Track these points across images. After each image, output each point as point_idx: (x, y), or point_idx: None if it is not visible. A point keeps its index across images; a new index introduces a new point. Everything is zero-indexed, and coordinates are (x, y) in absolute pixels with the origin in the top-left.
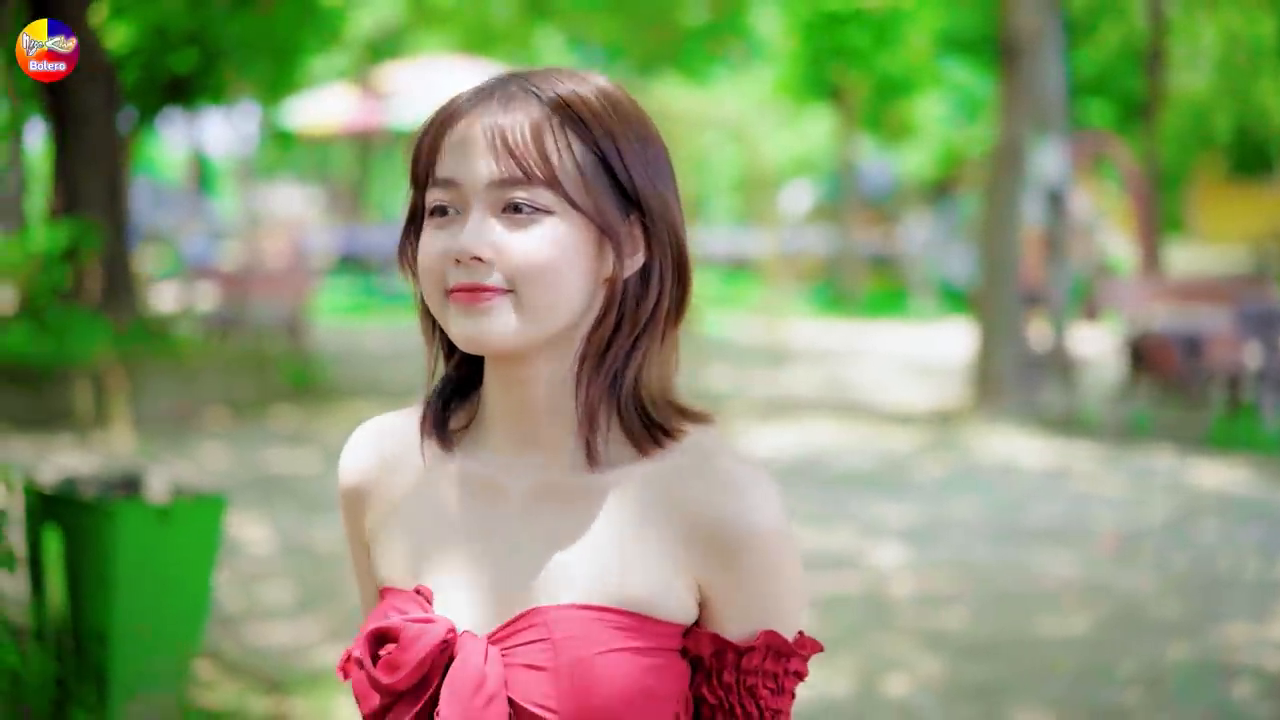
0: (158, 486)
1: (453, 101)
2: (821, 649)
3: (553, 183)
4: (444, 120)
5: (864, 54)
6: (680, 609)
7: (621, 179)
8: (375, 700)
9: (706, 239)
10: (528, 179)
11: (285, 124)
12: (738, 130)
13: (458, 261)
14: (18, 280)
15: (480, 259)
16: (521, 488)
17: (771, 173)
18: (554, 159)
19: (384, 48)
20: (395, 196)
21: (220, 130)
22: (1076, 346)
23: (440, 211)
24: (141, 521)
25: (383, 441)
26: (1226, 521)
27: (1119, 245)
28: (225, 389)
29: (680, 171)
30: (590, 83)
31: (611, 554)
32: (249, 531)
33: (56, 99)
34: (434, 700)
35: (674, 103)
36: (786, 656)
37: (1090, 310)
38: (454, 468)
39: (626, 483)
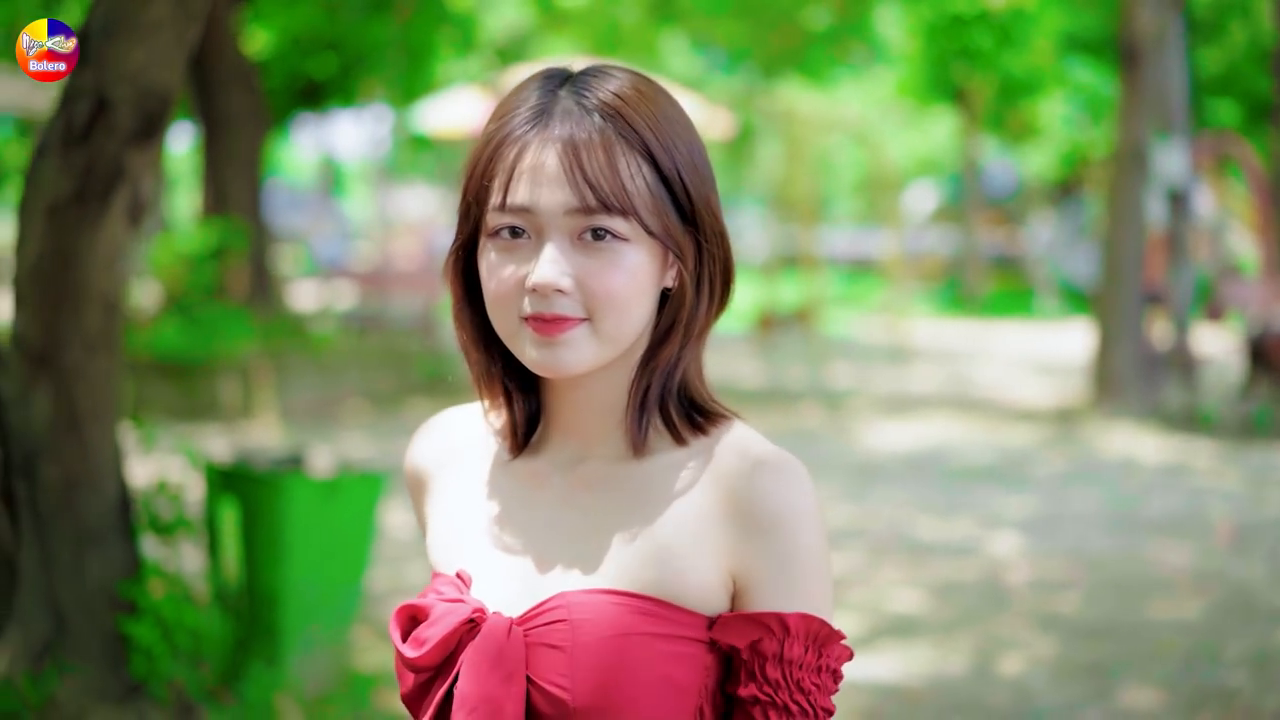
0: (319, 465)
1: (507, 120)
2: (845, 637)
3: (629, 210)
4: (502, 141)
5: (987, 55)
6: (710, 599)
7: (680, 197)
8: (409, 679)
9: (829, 240)
10: (606, 209)
11: (417, 127)
12: (861, 132)
13: (534, 289)
14: (165, 279)
15: (561, 291)
16: (564, 477)
17: (895, 174)
18: (630, 187)
19: (512, 51)
20: None
21: (350, 133)
22: (1198, 345)
23: (510, 233)
24: (309, 494)
25: (450, 434)
26: None
27: (1246, 246)
28: (364, 383)
29: (803, 173)
30: (633, 87)
31: (644, 540)
32: (391, 517)
33: (205, 103)
34: (458, 677)
35: (798, 105)
36: (825, 643)
37: (1214, 310)
38: (508, 463)
39: (666, 470)
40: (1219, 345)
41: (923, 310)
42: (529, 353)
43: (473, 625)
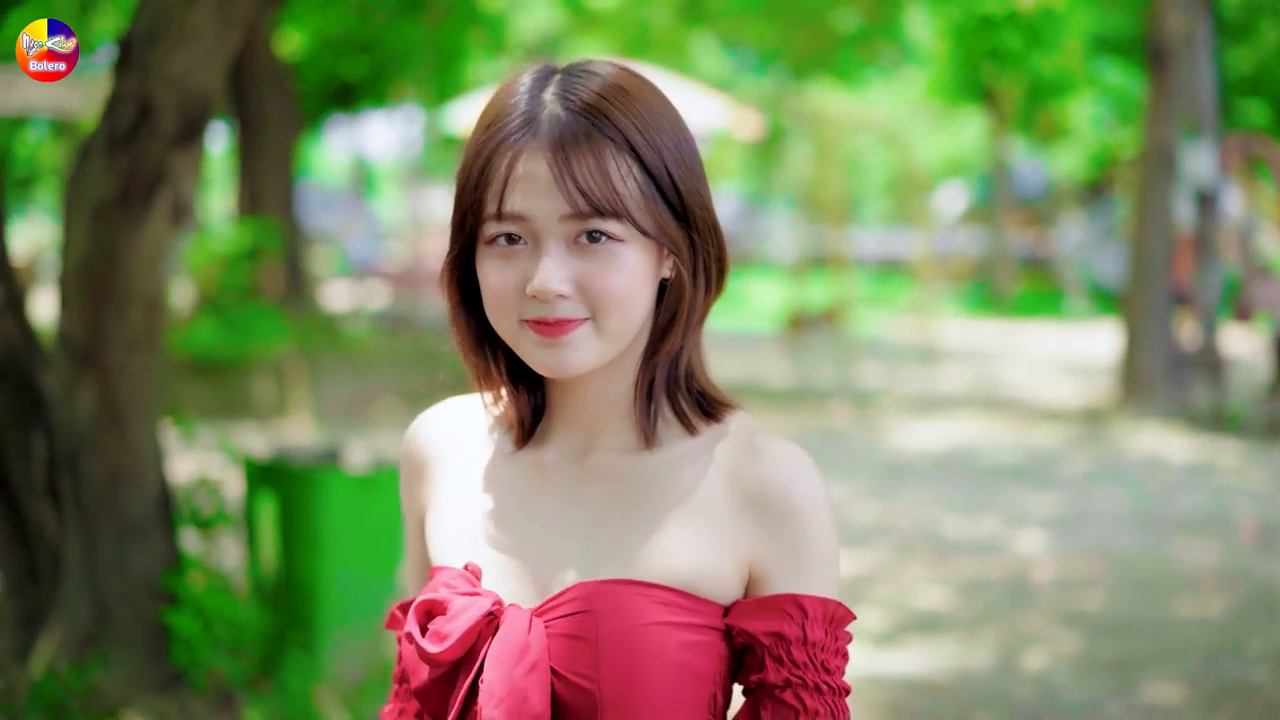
0: (355, 460)
1: (496, 129)
2: (856, 618)
3: (622, 213)
4: (494, 150)
5: (1016, 56)
6: (726, 587)
7: (669, 193)
8: (425, 673)
9: (859, 240)
10: (599, 213)
11: (448, 127)
12: (890, 133)
13: (534, 296)
14: (200, 279)
15: (562, 295)
16: (572, 469)
17: (924, 174)
18: (620, 189)
19: (543, 52)
20: None
21: (381, 134)
22: (1226, 346)
23: (507, 239)
24: (346, 488)
25: (452, 423)
26: None
27: (1275, 246)
28: (396, 381)
29: (833, 174)
30: (619, 85)
31: (659, 530)
32: None
33: (240, 105)
34: (481, 670)
35: (828, 106)
36: (840, 624)
37: (1243, 311)
38: (512, 454)
39: (676, 461)
40: (1247, 346)
41: (952, 310)
42: (534, 355)
43: (491, 618)
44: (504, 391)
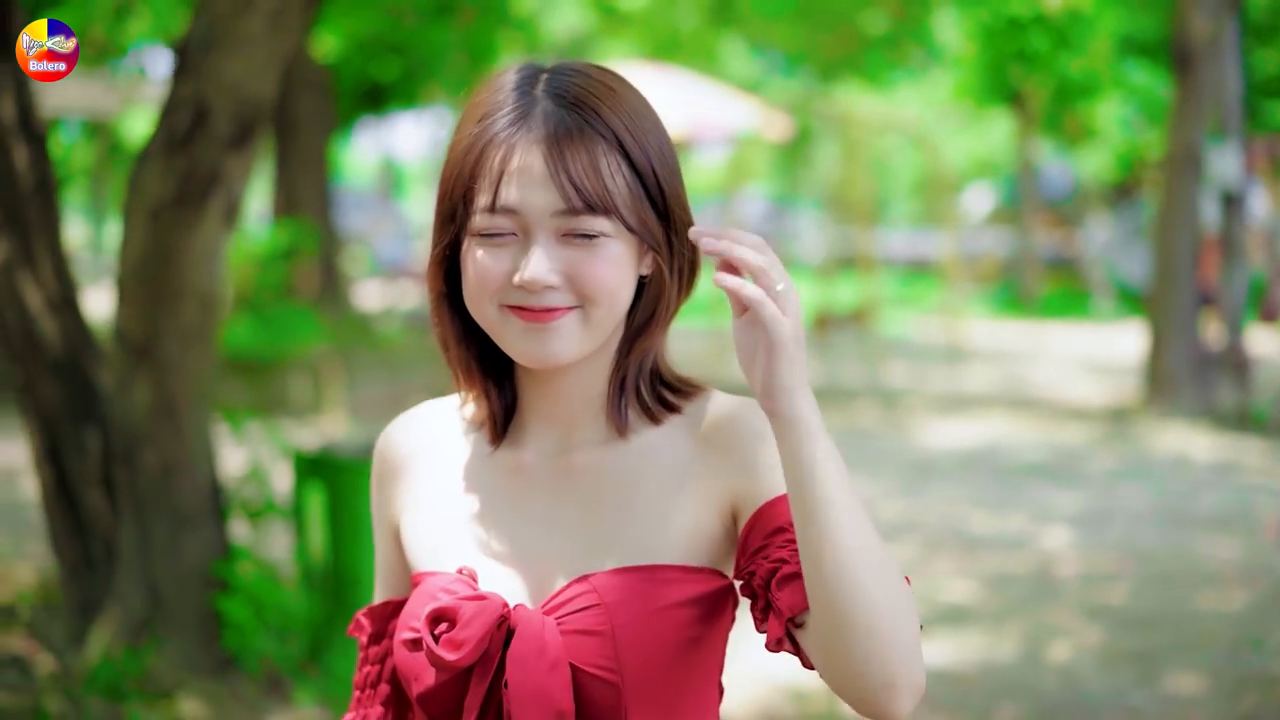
0: None
1: (488, 123)
2: None
3: (612, 210)
4: (487, 144)
5: (1044, 58)
6: (719, 547)
7: (653, 192)
8: (431, 678)
9: (886, 241)
10: (590, 209)
11: None
12: (918, 134)
13: (522, 286)
14: (237, 279)
15: (551, 286)
16: (553, 467)
17: (951, 176)
18: (610, 186)
19: (573, 54)
20: None
21: (410, 135)
22: (1251, 346)
23: (498, 232)
24: None
25: (425, 426)
26: None
27: None
28: (427, 379)
29: (861, 175)
30: (606, 84)
31: (646, 512)
32: None
33: (277, 107)
34: (499, 673)
35: (855, 107)
36: None
37: (1269, 312)
38: (489, 455)
39: (650, 445)
40: (1272, 346)
41: (979, 311)
42: (517, 344)
43: (503, 621)
44: (479, 389)
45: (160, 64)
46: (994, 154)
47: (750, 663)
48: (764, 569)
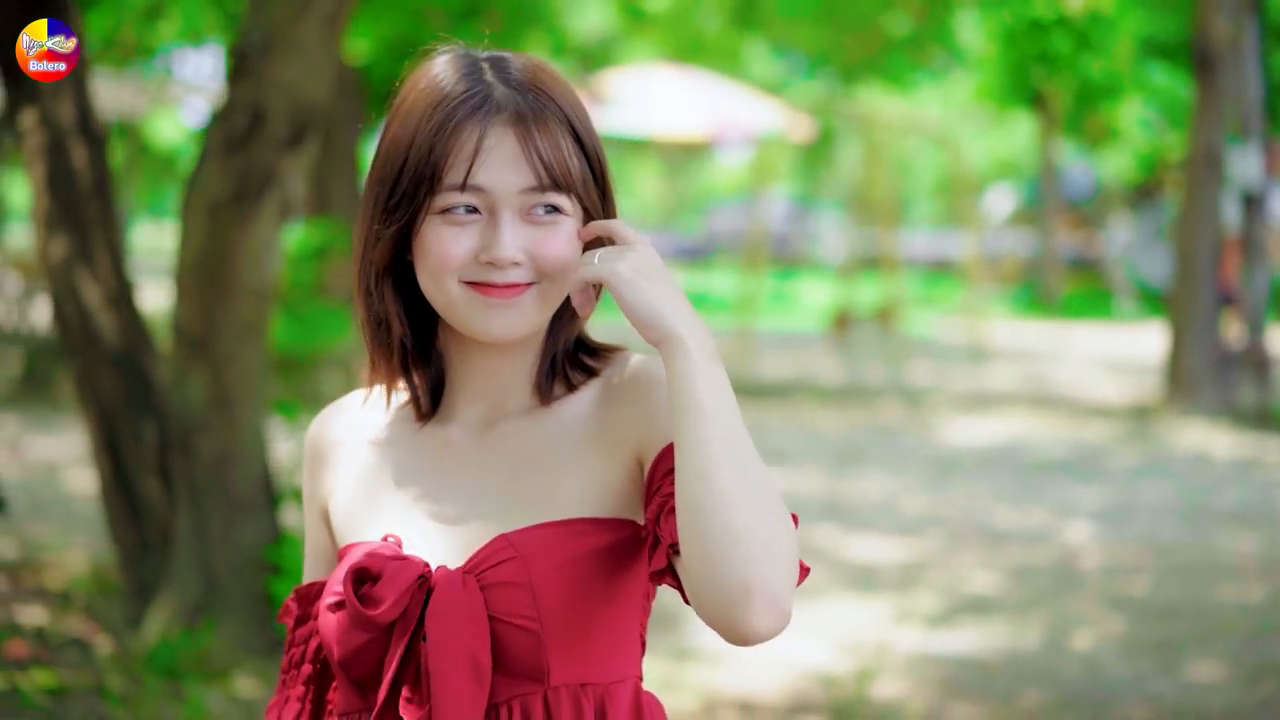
0: None
1: (447, 105)
2: None
3: (573, 188)
4: (456, 125)
5: (1066, 59)
6: (630, 498)
7: (598, 174)
8: (355, 639)
9: (909, 241)
10: (556, 187)
11: None
12: (940, 135)
13: (490, 263)
14: None
15: (516, 263)
16: (478, 440)
17: (973, 177)
18: (570, 167)
19: (598, 55)
20: None
21: None
22: (1272, 346)
23: (466, 210)
24: None
25: (352, 414)
26: None
27: None
28: None
29: (883, 176)
30: (548, 71)
31: (560, 471)
32: None
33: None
34: (419, 630)
35: (878, 109)
36: None
37: None
38: (415, 433)
39: (567, 410)
40: None
41: (1001, 311)
42: (476, 318)
43: (423, 581)
44: (410, 368)
45: (187, 65)
46: (1016, 155)
47: (780, 650)
48: (655, 505)
